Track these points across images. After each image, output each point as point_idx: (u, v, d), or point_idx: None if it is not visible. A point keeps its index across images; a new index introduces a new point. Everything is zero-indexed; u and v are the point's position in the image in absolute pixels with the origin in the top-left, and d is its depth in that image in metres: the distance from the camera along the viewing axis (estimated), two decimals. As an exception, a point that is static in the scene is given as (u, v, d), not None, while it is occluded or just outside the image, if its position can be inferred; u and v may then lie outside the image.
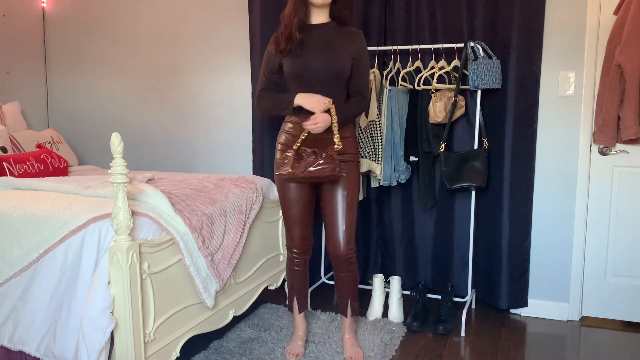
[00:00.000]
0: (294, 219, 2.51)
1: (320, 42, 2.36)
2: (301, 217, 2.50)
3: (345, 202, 2.43)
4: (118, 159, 1.89)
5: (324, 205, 2.48)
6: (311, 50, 2.35)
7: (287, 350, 2.60)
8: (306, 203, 2.49)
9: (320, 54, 2.34)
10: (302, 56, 2.35)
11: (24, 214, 2.15)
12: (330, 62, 2.34)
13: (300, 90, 2.38)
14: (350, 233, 2.45)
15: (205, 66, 3.75)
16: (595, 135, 2.84)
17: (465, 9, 3.03)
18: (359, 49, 2.41)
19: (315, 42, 2.36)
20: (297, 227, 2.52)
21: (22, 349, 2.03)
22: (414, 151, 3.12)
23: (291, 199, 2.48)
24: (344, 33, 2.41)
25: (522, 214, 3.04)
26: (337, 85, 2.38)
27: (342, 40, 2.38)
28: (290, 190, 2.47)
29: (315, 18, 2.40)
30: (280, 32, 2.41)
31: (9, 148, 3.22)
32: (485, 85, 2.82)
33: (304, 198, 2.48)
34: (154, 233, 2.12)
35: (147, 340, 2.03)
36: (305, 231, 2.54)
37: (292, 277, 2.63)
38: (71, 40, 4.12)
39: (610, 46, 2.72)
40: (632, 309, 2.98)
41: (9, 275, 2.10)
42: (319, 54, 2.34)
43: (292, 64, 2.37)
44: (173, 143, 3.93)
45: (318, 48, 2.35)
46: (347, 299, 2.55)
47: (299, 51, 2.35)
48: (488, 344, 2.76)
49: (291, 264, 2.61)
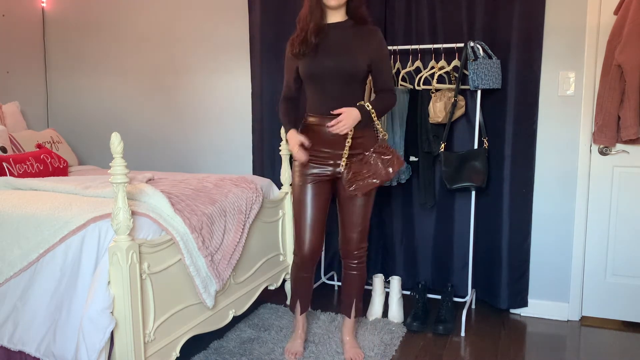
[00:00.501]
0: (307, 224, 2.44)
1: (335, 43, 2.35)
2: (315, 222, 2.44)
3: (364, 201, 2.43)
4: (118, 159, 1.89)
5: (342, 204, 2.47)
6: (325, 51, 2.35)
7: (286, 349, 2.60)
8: (322, 209, 2.45)
9: (335, 54, 2.33)
10: (317, 58, 2.34)
11: (24, 214, 2.15)
12: (344, 62, 2.32)
13: (314, 91, 2.40)
14: (364, 232, 2.48)
15: (205, 66, 3.75)
16: (595, 135, 2.84)
17: (465, 9, 3.03)
18: (377, 47, 2.38)
19: (330, 43, 2.35)
20: (309, 232, 2.44)
21: (22, 349, 2.03)
22: (414, 151, 3.12)
23: (307, 203, 2.43)
24: (361, 32, 2.38)
25: (522, 214, 3.04)
26: (352, 84, 2.37)
27: (359, 40, 2.36)
28: (307, 193, 2.42)
29: (332, 17, 2.38)
30: (297, 34, 2.40)
31: (8, 148, 3.22)
32: (485, 85, 2.82)
33: (321, 203, 2.44)
34: (154, 233, 2.12)
35: (147, 340, 2.03)
36: (317, 238, 2.47)
37: (296, 281, 2.58)
38: (71, 40, 4.12)
39: (610, 46, 2.72)
40: (632, 309, 2.98)
41: (9, 275, 2.10)
42: (333, 55, 2.33)
43: (306, 66, 2.37)
44: (173, 143, 3.93)
45: (333, 48, 2.35)
46: (352, 299, 2.55)
47: (314, 53, 2.35)
48: (488, 344, 2.76)
49: (297, 269, 2.55)
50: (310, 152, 2.41)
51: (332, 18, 2.39)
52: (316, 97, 2.41)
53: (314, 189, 2.43)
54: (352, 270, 2.53)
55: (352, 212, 2.45)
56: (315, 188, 2.43)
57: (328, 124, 2.32)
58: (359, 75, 2.37)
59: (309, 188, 2.43)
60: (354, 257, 2.51)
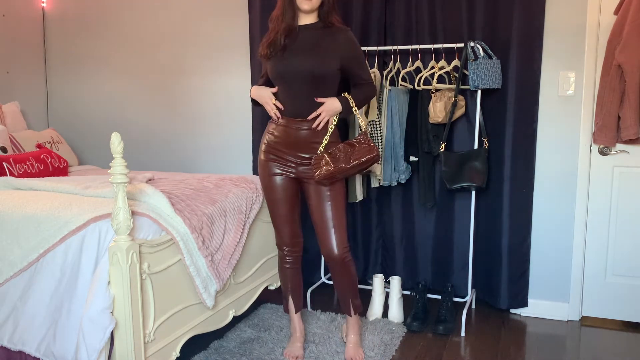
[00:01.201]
0: (282, 218, 2.50)
1: (304, 44, 2.34)
2: (289, 215, 2.49)
3: (331, 200, 2.40)
4: (118, 159, 1.89)
5: (310, 206, 2.45)
6: (294, 52, 2.33)
7: (286, 352, 2.58)
8: (293, 201, 2.49)
9: (303, 55, 2.32)
10: (285, 59, 2.34)
11: (24, 214, 2.15)
12: (312, 63, 2.31)
13: (283, 92, 2.40)
14: (341, 232, 2.40)
15: (205, 66, 3.75)
16: (595, 135, 2.84)
17: (465, 9, 3.03)
18: (347, 46, 2.38)
19: (299, 44, 2.35)
20: (286, 226, 2.51)
21: (22, 349, 2.03)
22: (414, 151, 3.12)
23: (277, 199, 2.46)
24: (330, 32, 2.38)
25: (522, 214, 3.04)
26: (321, 86, 2.36)
27: (328, 41, 2.36)
28: (276, 189, 2.45)
29: (303, 19, 2.38)
30: (266, 35, 2.42)
31: (8, 148, 3.22)
32: (485, 85, 2.82)
33: (290, 196, 2.47)
34: (154, 233, 2.12)
35: (147, 340, 2.03)
36: (294, 229, 2.53)
37: (284, 275, 2.61)
38: (71, 40, 4.12)
39: (610, 46, 2.72)
40: (632, 309, 2.98)
41: (9, 275, 2.10)
42: (301, 56, 2.32)
43: (274, 67, 2.37)
44: (173, 143, 3.93)
45: (301, 50, 2.33)
46: (347, 297, 2.53)
47: (281, 54, 2.35)
48: (488, 344, 2.76)
49: (282, 262, 2.60)
50: (273, 152, 2.43)
51: (304, 20, 2.38)
52: (284, 98, 2.40)
53: (280, 183, 2.45)
54: (338, 274, 2.48)
55: (322, 210, 2.40)
56: (282, 182, 2.45)
57: (309, 117, 2.35)
58: (328, 76, 2.36)
59: (274, 183, 2.45)
60: (338, 262, 2.43)
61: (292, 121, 2.39)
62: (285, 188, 2.46)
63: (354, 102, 2.40)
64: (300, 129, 2.38)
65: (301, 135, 2.39)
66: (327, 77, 2.36)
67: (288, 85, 2.36)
